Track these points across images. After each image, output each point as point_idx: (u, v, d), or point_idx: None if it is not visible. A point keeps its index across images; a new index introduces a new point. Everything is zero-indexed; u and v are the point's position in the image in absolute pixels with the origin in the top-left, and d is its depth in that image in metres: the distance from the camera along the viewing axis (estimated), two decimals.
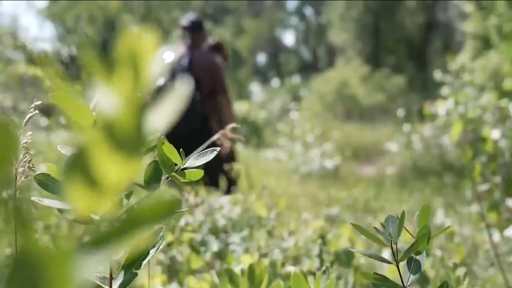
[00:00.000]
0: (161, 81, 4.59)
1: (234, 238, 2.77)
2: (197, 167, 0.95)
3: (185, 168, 0.98)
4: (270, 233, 2.91)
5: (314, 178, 9.77)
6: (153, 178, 0.97)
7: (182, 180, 0.98)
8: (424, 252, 1.13)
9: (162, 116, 0.34)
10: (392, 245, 1.10)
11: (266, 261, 2.19)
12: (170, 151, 0.95)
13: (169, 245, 2.74)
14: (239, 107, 17.62)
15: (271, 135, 16.06)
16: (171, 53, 4.72)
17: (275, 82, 38.47)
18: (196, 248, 2.47)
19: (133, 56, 0.33)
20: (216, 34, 38.75)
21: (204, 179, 4.39)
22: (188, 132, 4.45)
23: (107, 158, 0.31)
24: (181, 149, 0.99)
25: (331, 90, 20.89)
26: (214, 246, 2.46)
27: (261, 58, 45.25)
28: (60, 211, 0.87)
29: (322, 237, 2.54)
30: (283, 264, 2.51)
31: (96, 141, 0.30)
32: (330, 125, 15.35)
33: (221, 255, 2.62)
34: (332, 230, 3.15)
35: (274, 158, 12.21)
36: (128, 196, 0.89)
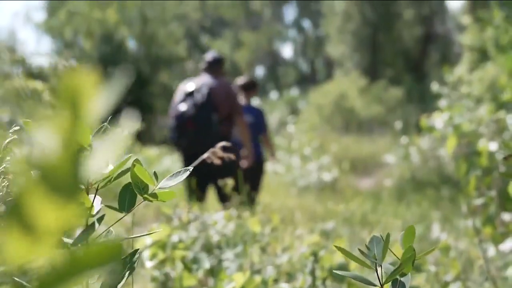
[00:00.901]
0: (183, 107, 5.41)
1: (228, 254, 2.75)
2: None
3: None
4: (263, 249, 2.89)
5: (312, 191, 9.76)
6: (127, 201, 0.96)
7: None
8: (409, 274, 1.12)
9: (102, 158, 0.33)
10: (377, 267, 1.09)
11: (258, 279, 2.17)
12: (142, 172, 0.94)
13: (163, 262, 2.72)
14: None
15: None
16: (193, 83, 5.59)
17: (273, 94, 38.50)
18: (188, 265, 2.46)
19: (72, 98, 0.32)
20: (214, 47, 38.83)
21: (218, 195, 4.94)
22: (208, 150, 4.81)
23: (43, 203, 0.30)
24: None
25: (329, 102, 20.91)
26: (206, 263, 2.44)
27: (260, 71, 45.34)
28: None
29: (315, 253, 2.52)
30: (275, 281, 2.49)
31: (31, 186, 0.29)
32: (328, 137, 15.34)
33: (214, 272, 2.60)
34: (327, 245, 3.13)
35: (272, 171, 12.19)
36: (99, 220, 0.88)
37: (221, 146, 1.90)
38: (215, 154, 1.87)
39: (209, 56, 5.86)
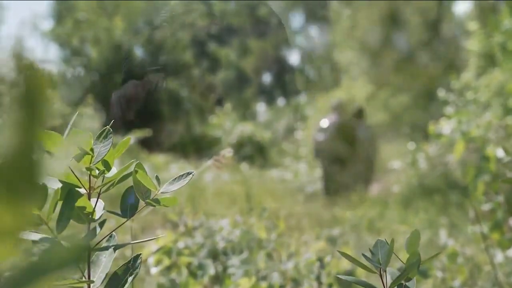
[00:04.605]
0: (320, 138, 9.32)
1: (234, 260, 2.74)
2: None
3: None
4: (269, 255, 2.87)
5: (319, 198, 9.73)
6: (130, 206, 0.96)
7: None
8: (414, 278, 1.10)
9: (61, 161, 0.32)
10: (381, 272, 1.08)
11: (264, 285, 2.16)
12: (143, 177, 0.93)
13: (169, 268, 2.71)
14: (244, 128, 17.65)
15: (276, 155, 16.03)
16: (326, 120, 9.32)
17: (280, 101, 38.46)
18: (193, 272, 2.45)
19: (30, 98, 0.32)
20: (221, 54, 38.80)
21: None
22: None
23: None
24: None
25: None
26: (211, 270, 2.43)
27: (267, 78, 45.28)
28: None
29: (320, 259, 2.51)
30: (281, 287, 2.48)
31: None
32: None
33: (220, 278, 2.59)
34: (333, 251, 3.11)
35: (279, 178, 12.17)
36: (101, 225, 0.88)
37: None
38: (217, 160, 1.99)
39: (334, 102, 9.29)
